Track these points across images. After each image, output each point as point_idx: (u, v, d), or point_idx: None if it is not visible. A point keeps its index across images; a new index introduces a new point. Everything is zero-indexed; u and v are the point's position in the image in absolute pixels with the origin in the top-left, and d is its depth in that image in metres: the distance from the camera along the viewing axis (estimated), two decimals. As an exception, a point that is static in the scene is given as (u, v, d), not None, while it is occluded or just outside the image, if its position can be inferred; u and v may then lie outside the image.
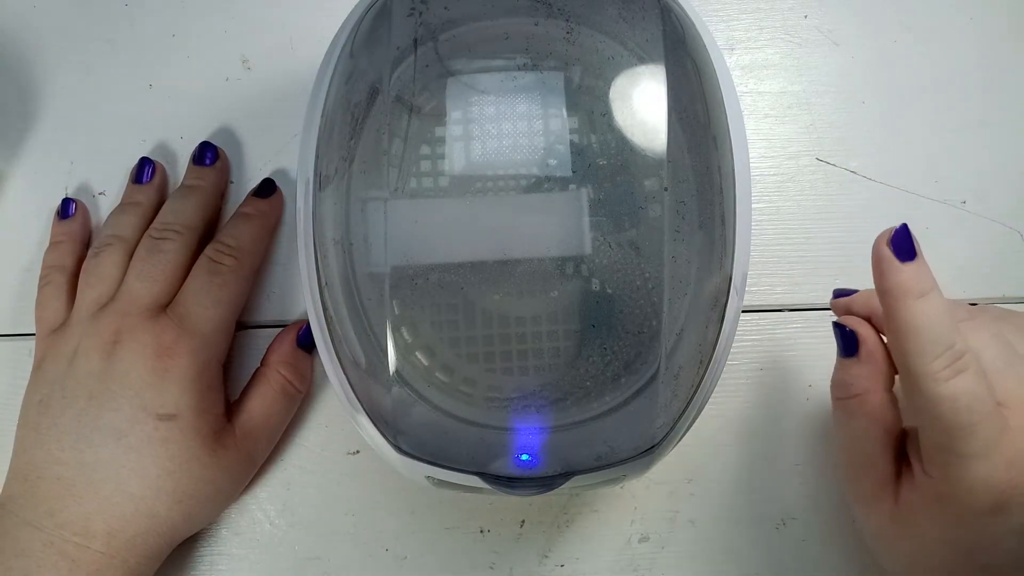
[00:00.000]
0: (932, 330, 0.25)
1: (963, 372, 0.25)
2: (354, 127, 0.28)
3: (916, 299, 0.25)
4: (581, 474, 0.27)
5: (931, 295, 0.26)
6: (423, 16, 0.28)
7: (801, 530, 0.35)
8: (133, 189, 0.37)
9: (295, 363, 0.35)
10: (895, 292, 0.26)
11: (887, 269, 0.26)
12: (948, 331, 0.25)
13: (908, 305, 0.26)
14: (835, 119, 0.39)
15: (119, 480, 0.30)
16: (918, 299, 0.25)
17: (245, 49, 0.40)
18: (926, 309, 0.25)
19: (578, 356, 0.27)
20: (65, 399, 0.31)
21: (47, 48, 0.41)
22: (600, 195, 0.26)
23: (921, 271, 0.26)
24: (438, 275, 0.26)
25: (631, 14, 0.28)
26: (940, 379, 0.25)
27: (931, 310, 0.25)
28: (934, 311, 0.25)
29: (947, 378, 0.25)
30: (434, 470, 0.27)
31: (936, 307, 0.26)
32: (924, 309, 0.25)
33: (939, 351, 0.25)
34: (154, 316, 0.32)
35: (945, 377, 0.25)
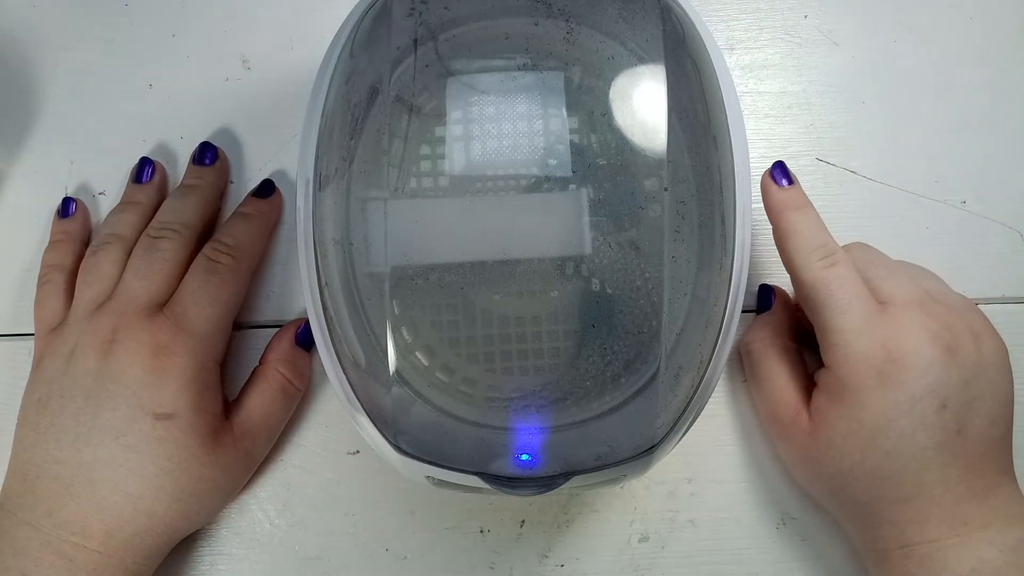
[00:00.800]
0: (808, 231, 0.31)
1: (836, 263, 0.30)
2: (354, 127, 0.28)
3: (794, 211, 0.32)
4: (581, 474, 0.27)
5: (806, 208, 0.32)
6: (423, 16, 0.28)
7: (801, 530, 0.35)
8: (133, 188, 0.37)
9: (294, 361, 0.35)
10: (777, 206, 0.32)
11: (769, 190, 0.32)
12: (821, 233, 0.32)
13: (788, 215, 0.32)
14: (835, 119, 0.39)
15: (117, 479, 0.30)
16: (795, 210, 0.32)
17: (245, 49, 0.40)
18: (802, 218, 0.32)
19: (578, 356, 0.27)
20: (63, 398, 0.31)
21: (47, 48, 0.41)
22: (600, 195, 0.26)
23: (796, 192, 0.32)
24: (438, 275, 0.26)
25: (631, 14, 0.28)
26: (817, 267, 0.31)
27: (806, 218, 0.32)
28: (809, 218, 0.32)
29: (823, 267, 0.30)
30: (434, 470, 0.27)
31: (811, 216, 0.32)
32: (800, 218, 0.32)
33: (815, 246, 0.31)
34: (151, 315, 0.32)
35: (821, 266, 0.30)
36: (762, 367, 0.34)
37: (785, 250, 0.32)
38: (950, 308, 0.30)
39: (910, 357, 0.29)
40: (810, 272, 0.31)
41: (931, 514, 0.29)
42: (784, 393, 0.33)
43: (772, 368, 0.33)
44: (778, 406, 0.33)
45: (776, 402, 0.33)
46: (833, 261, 0.31)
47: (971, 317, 0.31)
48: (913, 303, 0.30)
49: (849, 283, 0.30)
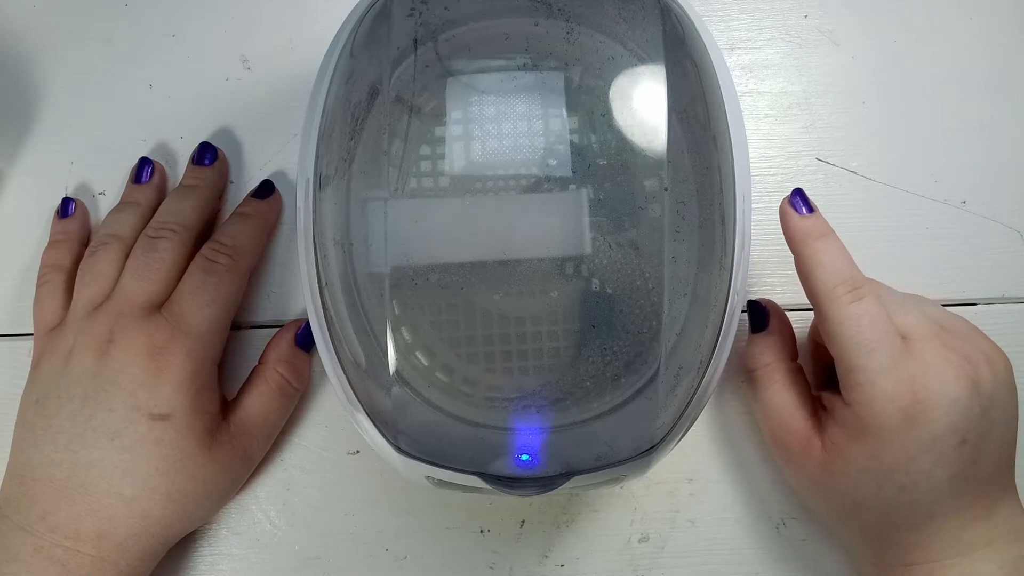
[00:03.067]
0: (833, 262, 0.30)
1: (864, 298, 0.29)
2: (354, 127, 0.28)
3: (817, 239, 0.30)
4: (581, 474, 0.27)
5: (830, 236, 0.30)
6: (423, 16, 0.28)
7: (801, 530, 0.35)
8: (132, 189, 0.37)
9: (293, 361, 0.35)
10: (799, 235, 0.30)
11: (790, 219, 0.31)
12: (847, 264, 0.30)
13: (811, 244, 0.30)
14: (835, 119, 0.39)
15: (112, 481, 0.30)
16: (818, 239, 0.30)
17: (245, 49, 0.40)
18: (826, 247, 0.30)
19: (578, 356, 0.27)
20: (60, 399, 0.31)
21: (47, 48, 0.41)
22: (600, 195, 0.26)
23: (818, 219, 0.31)
24: (438, 275, 0.26)
25: (631, 14, 0.28)
26: (844, 301, 0.29)
27: (831, 247, 0.30)
28: (834, 248, 0.30)
29: (849, 301, 0.29)
30: (434, 470, 0.27)
31: (835, 245, 0.30)
32: (824, 247, 0.30)
33: (841, 278, 0.29)
34: (148, 315, 0.32)
35: (848, 300, 0.29)
36: (768, 394, 0.32)
37: (809, 281, 0.30)
38: (963, 337, 0.30)
39: (936, 396, 0.28)
40: (837, 307, 0.29)
41: (936, 538, 0.29)
42: (793, 420, 0.32)
43: (779, 395, 0.32)
44: (787, 433, 0.32)
45: (785, 429, 0.32)
46: (860, 295, 0.29)
47: (980, 340, 0.30)
48: (931, 336, 0.29)
49: (877, 320, 0.29)
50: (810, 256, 0.30)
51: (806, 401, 0.32)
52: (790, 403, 0.32)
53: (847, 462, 0.29)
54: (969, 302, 0.38)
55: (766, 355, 0.33)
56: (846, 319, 0.29)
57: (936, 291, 0.38)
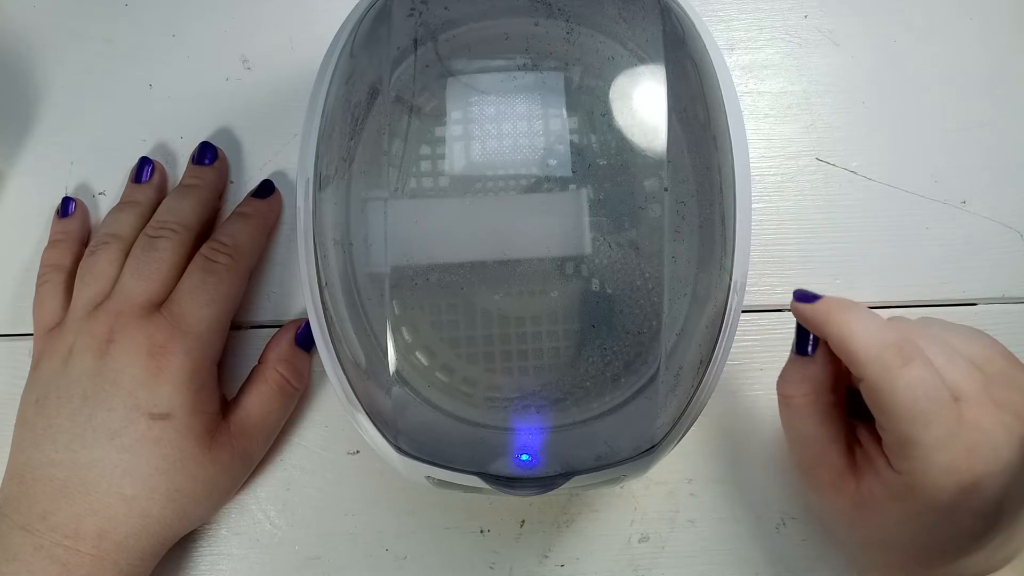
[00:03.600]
0: (868, 328, 0.27)
1: (912, 360, 0.26)
2: (354, 127, 0.28)
3: (839, 312, 0.28)
4: (581, 474, 0.27)
5: (851, 305, 0.28)
6: (423, 16, 0.28)
7: (801, 530, 0.35)
8: (132, 188, 0.37)
9: (293, 361, 0.35)
10: (819, 317, 0.28)
11: (802, 311, 0.29)
12: (883, 325, 0.27)
13: (835, 318, 0.28)
14: (835, 119, 0.39)
15: (112, 480, 0.30)
16: (844, 311, 0.28)
17: (245, 49, 0.40)
18: (854, 316, 0.28)
19: (578, 356, 0.27)
20: (60, 399, 0.31)
21: (47, 48, 0.41)
22: (600, 195, 0.26)
23: (831, 299, 0.29)
24: (438, 275, 0.26)
25: (631, 14, 0.28)
26: (892, 368, 0.26)
27: (859, 315, 0.28)
28: (862, 314, 0.28)
29: (899, 366, 0.26)
30: (434, 470, 0.27)
31: (860, 311, 0.28)
32: (852, 316, 0.27)
33: (884, 343, 0.27)
34: (148, 315, 0.32)
35: (897, 365, 0.26)
36: (805, 425, 0.30)
37: (849, 355, 0.27)
38: (1009, 384, 0.28)
39: (991, 464, 0.26)
40: (885, 377, 0.26)
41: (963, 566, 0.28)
42: (827, 454, 0.30)
43: (816, 428, 0.30)
44: (820, 465, 0.30)
45: (818, 461, 0.30)
46: (908, 356, 0.26)
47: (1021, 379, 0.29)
48: (983, 397, 0.27)
49: (931, 387, 0.26)
50: (840, 331, 0.27)
51: (842, 434, 0.30)
52: (825, 437, 0.30)
53: (885, 514, 0.28)
54: (969, 302, 0.38)
55: (806, 385, 0.30)
56: (898, 390, 0.26)
57: (936, 291, 0.38)
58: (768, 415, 0.36)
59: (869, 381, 0.27)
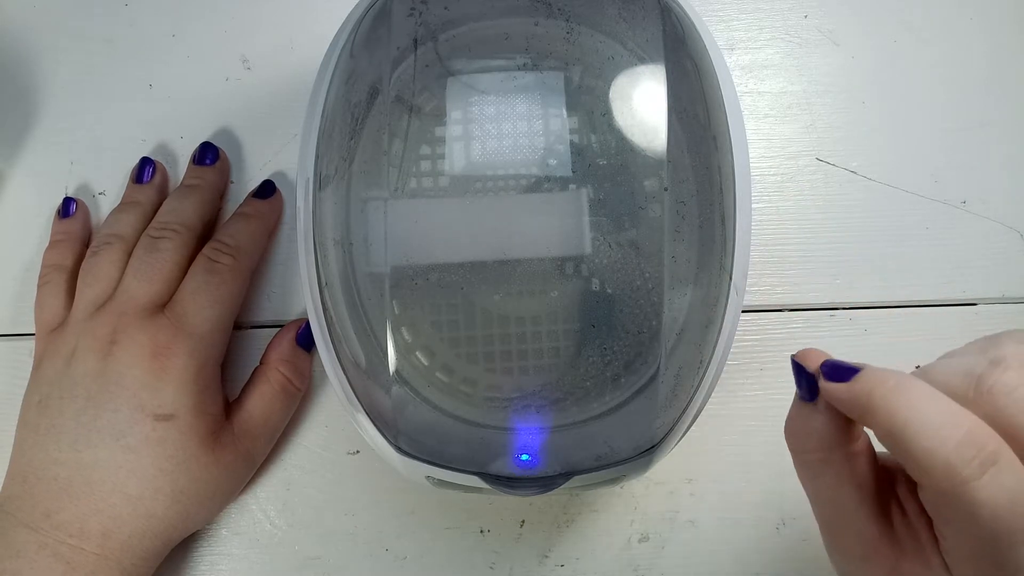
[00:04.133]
0: (929, 419, 0.20)
1: (996, 463, 0.19)
2: (354, 127, 0.28)
3: (892, 394, 0.20)
4: (581, 474, 0.27)
5: (908, 385, 0.20)
6: (423, 16, 0.28)
7: (801, 530, 0.35)
8: (133, 189, 0.37)
9: (294, 361, 0.35)
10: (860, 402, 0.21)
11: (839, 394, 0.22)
12: (950, 415, 0.20)
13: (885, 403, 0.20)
14: (835, 119, 0.39)
15: (116, 480, 0.30)
16: (894, 394, 0.20)
17: (245, 49, 0.40)
18: (908, 398, 0.20)
19: (578, 356, 0.27)
20: (63, 399, 0.31)
21: (47, 48, 0.41)
22: (600, 195, 0.26)
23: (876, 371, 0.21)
24: (438, 275, 0.26)
25: (631, 14, 0.28)
26: (967, 477, 0.19)
27: (914, 397, 0.20)
28: (918, 397, 0.20)
29: (976, 475, 0.19)
30: (434, 470, 0.27)
31: (919, 393, 0.20)
32: (906, 401, 0.20)
33: (953, 442, 0.19)
34: (151, 316, 0.32)
35: (974, 473, 0.19)
36: (819, 485, 0.24)
37: (905, 458, 0.20)
38: None
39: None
40: (957, 490, 0.19)
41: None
42: (854, 521, 0.23)
43: (833, 490, 0.23)
44: (846, 535, 0.24)
45: (843, 530, 0.24)
46: (988, 461, 0.19)
47: None
48: None
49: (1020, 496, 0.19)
50: (892, 423, 0.20)
51: (873, 495, 0.23)
52: (850, 501, 0.23)
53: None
54: (969, 302, 0.38)
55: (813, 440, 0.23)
56: (978, 506, 0.19)
57: (936, 291, 0.38)
58: (768, 415, 0.36)
59: (935, 493, 0.20)
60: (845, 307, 0.37)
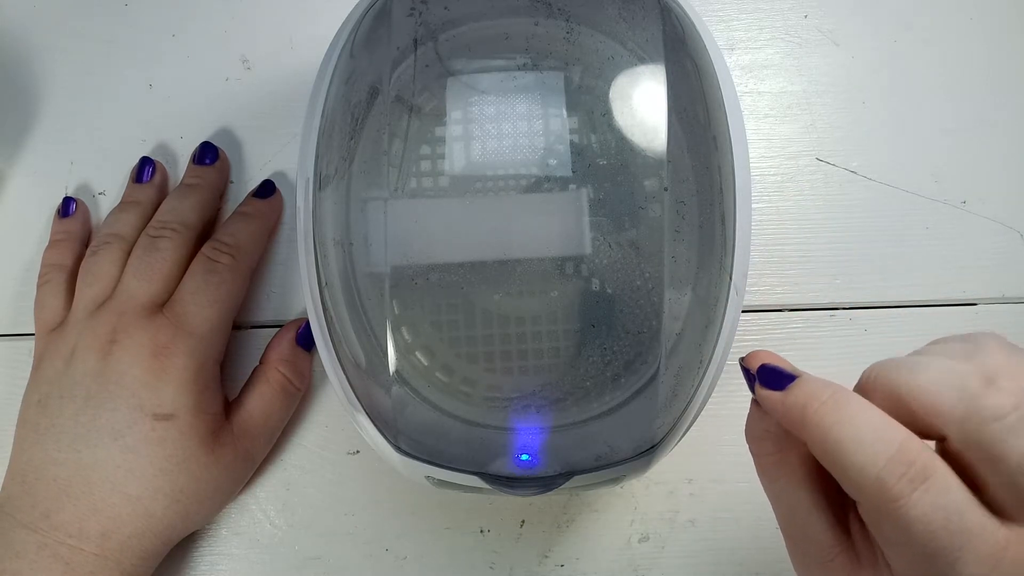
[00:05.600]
0: (861, 435, 0.20)
1: (928, 479, 0.19)
2: (354, 127, 0.28)
3: (825, 410, 0.20)
4: (581, 474, 0.27)
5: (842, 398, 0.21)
6: (423, 16, 0.28)
7: (801, 530, 0.35)
8: (133, 188, 0.37)
9: (294, 361, 0.35)
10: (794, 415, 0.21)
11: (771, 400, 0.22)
12: (882, 429, 0.20)
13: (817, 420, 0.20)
14: (835, 119, 0.39)
15: (115, 480, 0.30)
16: (827, 409, 0.20)
17: (245, 49, 0.40)
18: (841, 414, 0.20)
19: (578, 356, 0.27)
20: (63, 399, 0.31)
21: (47, 48, 0.41)
22: (600, 195, 0.26)
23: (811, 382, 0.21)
24: (438, 275, 0.26)
25: (631, 14, 0.28)
26: (900, 494, 0.19)
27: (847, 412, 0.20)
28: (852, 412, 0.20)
29: (908, 491, 0.19)
30: (434, 470, 0.27)
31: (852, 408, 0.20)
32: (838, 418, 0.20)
33: (885, 458, 0.19)
34: (151, 315, 0.32)
35: (906, 490, 0.19)
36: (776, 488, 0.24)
37: (839, 474, 0.20)
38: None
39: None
40: (890, 507, 0.19)
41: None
42: (809, 526, 0.23)
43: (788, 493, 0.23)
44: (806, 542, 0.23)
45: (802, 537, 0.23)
46: (921, 476, 0.19)
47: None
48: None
49: (955, 515, 0.19)
50: (824, 440, 0.20)
51: (830, 501, 0.23)
52: (804, 505, 0.23)
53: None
54: (969, 302, 0.38)
55: (768, 442, 0.24)
56: (910, 523, 0.19)
57: (936, 291, 0.38)
58: (768, 415, 0.36)
59: (870, 510, 0.20)
60: (845, 307, 0.37)
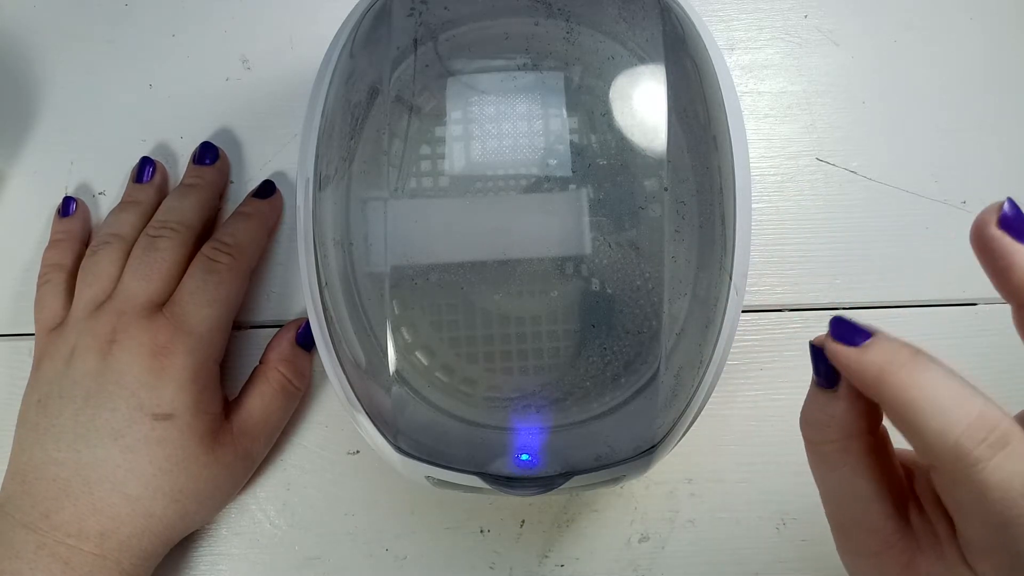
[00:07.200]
0: (941, 399, 0.20)
1: (1006, 446, 0.19)
2: (354, 127, 0.28)
3: (904, 370, 0.20)
4: (581, 474, 0.27)
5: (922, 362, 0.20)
6: (423, 16, 0.28)
7: (801, 530, 0.35)
8: (133, 188, 0.37)
9: (294, 361, 0.35)
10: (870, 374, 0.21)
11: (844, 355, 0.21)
12: (963, 396, 0.20)
13: (896, 380, 0.20)
14: (835, 119, 0.39)
15: (115, 480, 0.30)
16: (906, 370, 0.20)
17: (245, 49, 0.40)
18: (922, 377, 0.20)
19: (578, 356, 0.27)
20: (63, 399, 0.31)
21: (47, 48, 0.41)
22: (600, 195, 0.26)
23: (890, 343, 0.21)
24: (438, 275, 0.26)
25: (631, 14, 0.28)
26: (978, 459, 0.19)
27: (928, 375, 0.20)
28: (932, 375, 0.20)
29: (987, 456, 0.19)
30: (434, 470, 0.27)
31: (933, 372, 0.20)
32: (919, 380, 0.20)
33: (964, 424, 0.19)
34: (150, 315, 0.32)
35: (985, 455, 0.19)
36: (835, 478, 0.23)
37: (914, 437, 0.20)
38: None
39: None
40: (967, 472, 0.19)
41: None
42: (869, 515, 0.23)
43: (851, 482, 0.23)
44: (859, 529, 0.23)
45: (856, 524, 0.23)
46: (1000, 443, 0.19)
47: None
48: None
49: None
50: (902, 401, 0.20)
51: (889, 489, 0.23)
52: (864, 495, 0.23)
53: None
54: (969, 302, 0.38)
55: (832, 429, 0.23)
56: (986, 489, 0.19)
57: (936, 291, 0.38)
58: (768, 415, 0.36)
59: (945, 475, 0.20)
60: (845, 307, 0.37)
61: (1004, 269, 0.21)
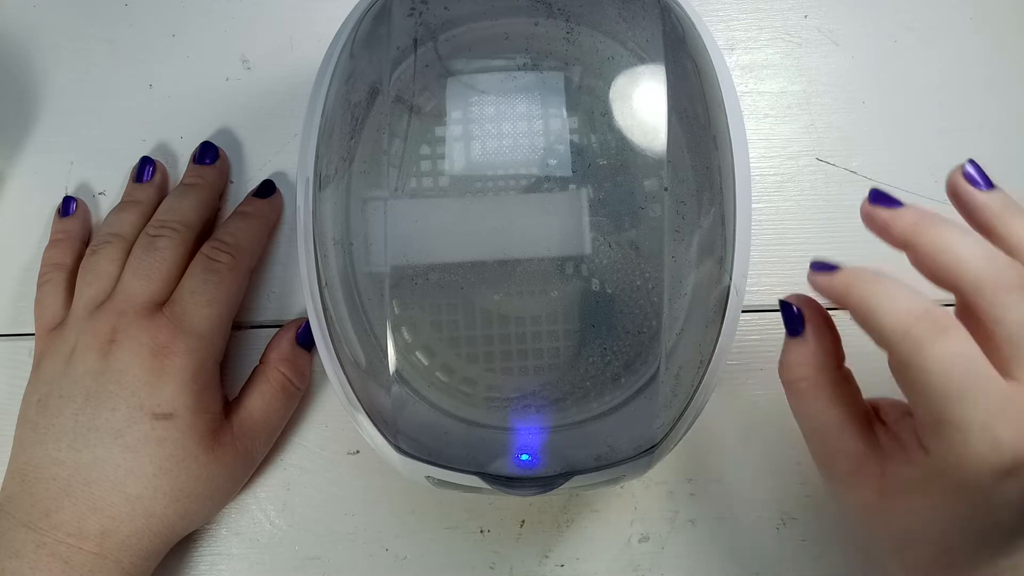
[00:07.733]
0: (894, 299, 0.24)
1: (947, 331, 0.23)
2: (354, 127, 0.28)
3: (864, 283, 0.25)
4: (581, 474, 0.27)
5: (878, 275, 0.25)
6: (423, 16, 0.28)
7: (801, 530, 0.35)
8: (133, 188, 0.37)
9: (294, 360, 0.35)
10: (839, 289, 0.26)
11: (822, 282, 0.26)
12: (911, 297, 0.24)
13: (859, 290, 0.25)
14: (835, 119, 0.39)
15: (115, 480, 0.30)
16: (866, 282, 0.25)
17: (245, 49, 0.40)
18: (878, 286, 0.25)
19: (578, 356, 0.27)
20: (63, 399, 0.31)
21: (47, 48, 0.41)
22: (600, 195, 0.26)
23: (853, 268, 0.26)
24: (438, 275, 0.26)
25: (631, 14, 0.28)
26: (924, 342, 0.23)
27: (883, 284, 0.25)
28: (886, 284, 0.25)
29: (931, 341, 0.23)
30: (434, 470, 0.27)
31: (887, 282, 0.25)
32: (875, 288, 0.25)
33: (913, 315, 0.24)
34: (150, 314, 0.32)
35: (929, 340, 0.23)
36: (811, 411, 0.27)
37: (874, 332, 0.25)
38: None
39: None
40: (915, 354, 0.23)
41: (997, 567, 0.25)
42: (841, 440, 0.27)
43: (826, 410, 0.27)
44: (836, 454, 0.27)
45: (833, 450, 0.27)
46: (941, 329, 0.23)
47: None
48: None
49: (969, 362, 0.23)
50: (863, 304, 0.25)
51: (857, 415, 0.27)
52: (838, 419, 0.27)
53: (912, 502, 0.25)
54: (969, 302, 0.38)
55: (804, 368, 0.27)
56: (931, 367, 0.23)
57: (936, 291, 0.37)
58: (768, 415, 0.36)
59: (898, 358, 0.24)
60: (845, 307, 0.37)
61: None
